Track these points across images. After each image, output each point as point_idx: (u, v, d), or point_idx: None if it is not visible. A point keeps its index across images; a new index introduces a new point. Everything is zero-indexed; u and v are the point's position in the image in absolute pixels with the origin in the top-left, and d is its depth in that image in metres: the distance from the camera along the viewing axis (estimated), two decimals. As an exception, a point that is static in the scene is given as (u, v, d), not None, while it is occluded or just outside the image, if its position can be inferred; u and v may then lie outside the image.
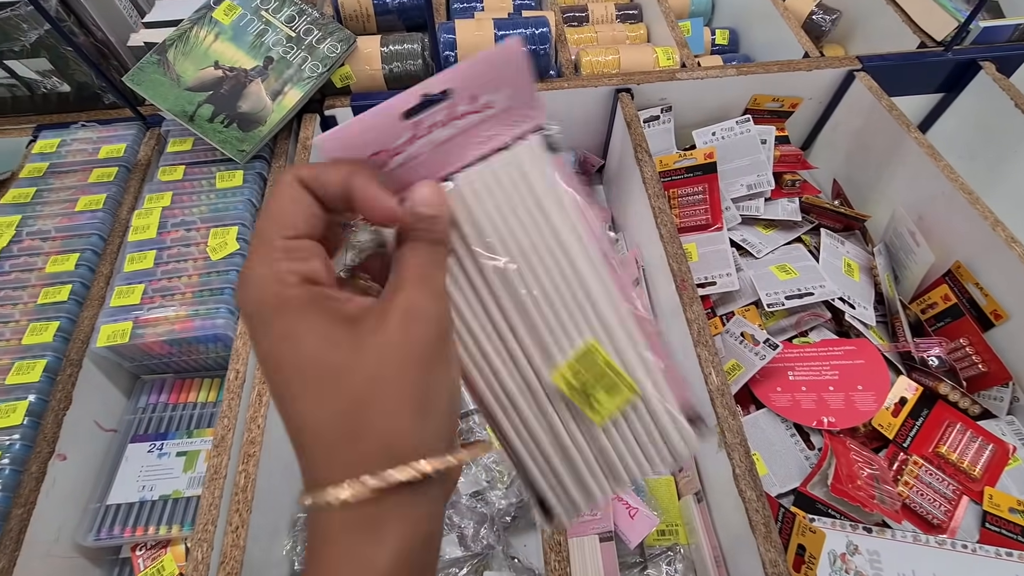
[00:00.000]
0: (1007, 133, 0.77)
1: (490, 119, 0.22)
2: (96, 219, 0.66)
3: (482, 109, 0.22)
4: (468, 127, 0.22)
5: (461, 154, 0.23)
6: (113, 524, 0.55)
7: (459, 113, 0.22)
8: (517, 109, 0.23)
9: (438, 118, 0.22)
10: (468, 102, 0.22)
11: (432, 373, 0.19)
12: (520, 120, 0.23)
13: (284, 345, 0.18)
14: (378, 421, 0.18)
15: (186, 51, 0.70)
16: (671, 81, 0.80)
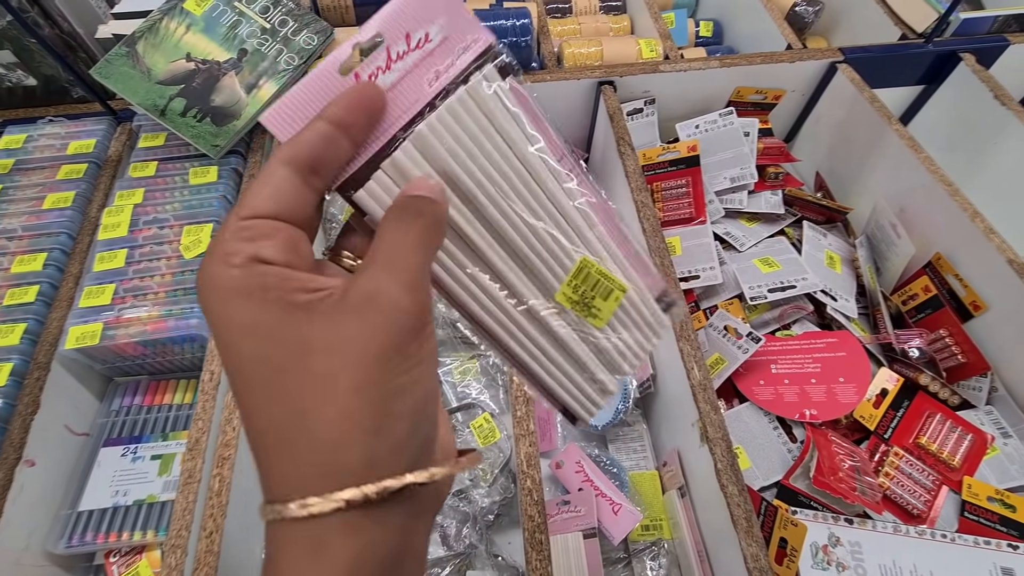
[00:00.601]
0: (986, 125, 0.78)
1: (432, 54, 0.22)
2: (64, 217, 0.64)
3: (420, 45, 0.21)
4: (411, 67, 0.21)
5: (416, 96, 0.22)
6: (85, 530, 0.54)
7: (398, 54, 0.21)
8: (456, 37, 0.22)
9: (377, 63, 0.21)
10: (403, 41, 0.21)
11: (393, 376, 0.17)
12: (465, 48, 0.22)
13: (226, 336, 0.17)
14: (321, 432, 0.16)
15: (156, 43, 0.68)
16: (654, 73, 0.79)
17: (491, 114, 0.22)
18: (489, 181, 0.22)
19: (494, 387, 0.69)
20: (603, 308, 0.25)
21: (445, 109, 0.22)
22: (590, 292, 0.25)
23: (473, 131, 0.22)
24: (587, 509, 0.57)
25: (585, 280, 0.25)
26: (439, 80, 0.22)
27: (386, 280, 0.17)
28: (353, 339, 0.17)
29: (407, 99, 0.21)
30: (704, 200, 0.75)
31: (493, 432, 0.63)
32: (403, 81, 0.21)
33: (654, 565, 0.57)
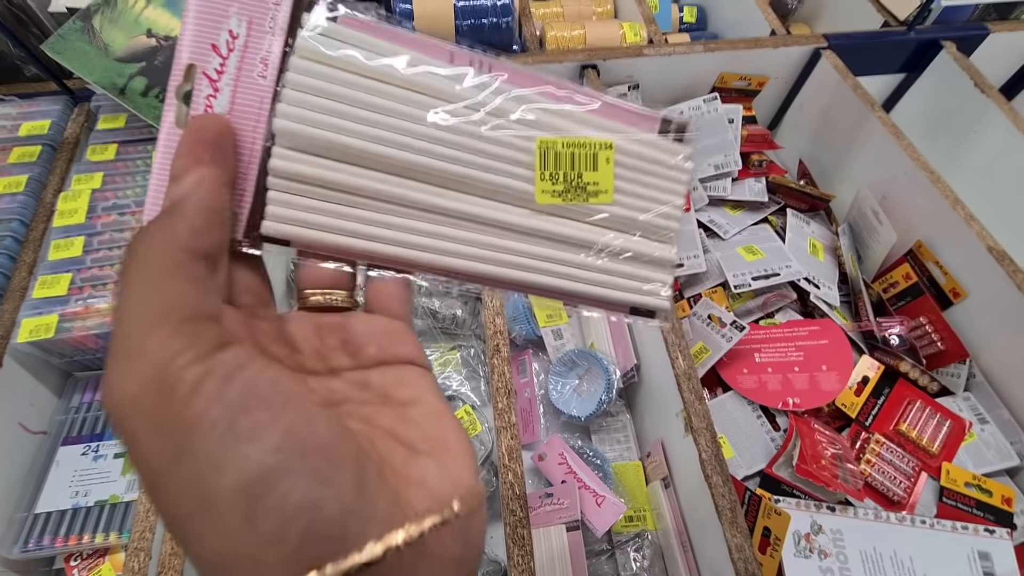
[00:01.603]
0: (967, 112, 0.78)
1: (247, 47, 0.19)
2: (16, 203, 0.61)
3: (231, 48, 0.19)
4: (236, 73, 0.19)
5: (258, 96, 0.19)
6: (43, 534, 0.51)
7: (217, 71, 0.19)
8: (260, 13, 0.19)
9: (205, 94, 0.19)
10: (214, 56, 0.19)
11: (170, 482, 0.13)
12: (272, 18, 0.19)
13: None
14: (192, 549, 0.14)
15: (114, 17, 0.64)
16: (638, 58, 0.77)
17: (341, 61, 0.19)
18: (383, 129, 0.19)
19: (475, 379, 0.67)
20: (600, 179, 0.21)
21: (289, 86, 0.19)
22: (571, 172, 0.21)
23: (332, 90, 0.19)
24: (570, 501, 0.56)
25: (556, 163, 0.21)
26: (269, 65, 0.19)
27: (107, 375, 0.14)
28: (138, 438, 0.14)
29: (252, 103, 0.19)
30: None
31: (474, 425, 0.62)
32: (237, 92, 0.19)
33: (638, 556, 0.57)
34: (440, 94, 0.20)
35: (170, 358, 0.13)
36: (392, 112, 0.20)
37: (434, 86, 0.20)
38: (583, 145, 0.20)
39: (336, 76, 0.19)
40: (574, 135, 0.21)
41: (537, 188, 0.20)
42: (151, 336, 0.14)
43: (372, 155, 0.19)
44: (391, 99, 0.20)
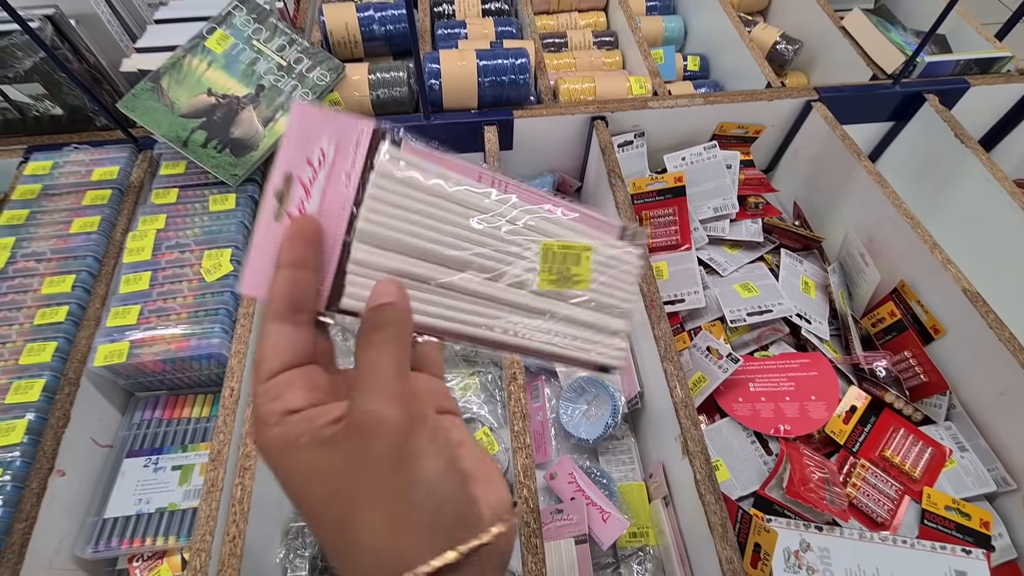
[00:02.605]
0: (947, 161, 0.84)
1: (335, 164, 0.24)
2: (91, 241, 0.69)
3: (321, 163, 0.24)
4: (325, 183, 0.24)
5: (341, 200, 0.24)
6: (111, 536, 0.58)
7: (310, 179, 0.24)
8: (345, 140, 0.24)
9: (298, 197, 0.24)
10: (308, 168, 0.24)
11: (402, 475, 0.20)
12: (356, 143, 0.25)
13: (284, 482, 0.21)
14: (363, 539, 0.20)
15: (180, 79, 0.73)
16: (644, 109, 0.85)
17: (406, 181, 0.25)
18: (436, 232, 0.25)
19: (493, 402, 0.73)
20: (580, 271, 0.28)
21: (368, 199, 0.24)
22: (562, 266, 0.28)
23: (400, 202, 0.25)
24: (579, 517, 0.61)
25: (553, 259, 0.28)
26: (351, 179, 0.24)
27: (369, 402, 0.21)
28: (359, 460, 0.20)
29: (336, 207, 0.24)
30: (689, 228, 0.81)
31: (492, 445, 0.68)
32: (325, 197, 0.24)
33: (640, 569, 0.62)
34: (475, 207, 0.27)
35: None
36: (445, 220, 0.26)
37: (471, 201, 0.26)
38: (572, 248, 0.28)
39: (402, 192, 0.25)
40: (565, 239, 0.28)
41: (540, 277, 0.28)
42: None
43: (429, 252, 0.26)
44: (443, 210, 0.26)
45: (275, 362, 0.22)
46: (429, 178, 0.26)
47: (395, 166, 0.25)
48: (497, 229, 0.27)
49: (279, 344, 0.22)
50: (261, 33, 0.76)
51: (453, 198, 0.26)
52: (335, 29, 0.91)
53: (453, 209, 0.26)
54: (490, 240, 0.27)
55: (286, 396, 0.22)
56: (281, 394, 0.22)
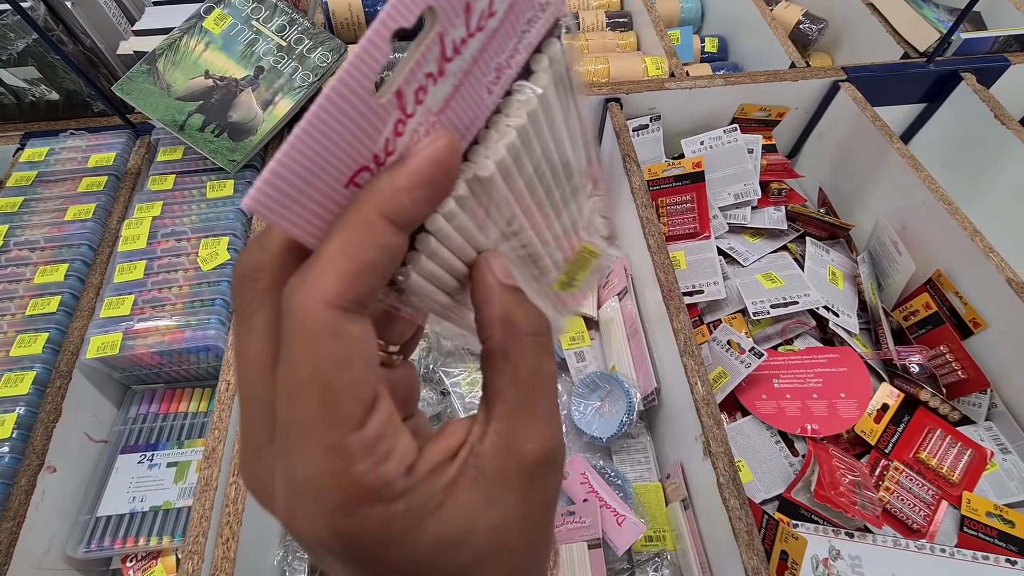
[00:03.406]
0: (986, 144, 0.79)
1: (494, 36, 0.14)
2: (86, 229, 0.66)
3: (481, 26, 0.14)
4: (469, 66, 0.14)
5: (473, 113, 0.15)
6: (103, 536, 0.55)
7: (454, 46, 0.13)
8: (520, 9, 0.15)
9: (427, 68, 0.13)
10: (461, 21, 0.13)
11: (551, 526, 0.16)
12: (529, 20, 0.15)
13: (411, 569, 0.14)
14: None
15: (176, 60, 0.70)
16: (660, 91, 0.81)
17: (553, 120, 0.17)
18: (538, 197, 0.18)
19: (501, 398, 0.70)
20: (580, 277, 0.24)
21: (517, 137, 0.15)
22: (575, 271, 0.23)
23: (533, 149, 0.17)
24: (592, 520, 0.58)
25: (578, 263, 0.23)
26: (500, 81, 0.15)
27: (552, 433, 0.15)
28: (541, 505, 0.15)
29: (463, 119, 0.15)
30: (708, 215, 0.77)
31: (500, 443, 0.65)
32: (459, 92, 0.14)
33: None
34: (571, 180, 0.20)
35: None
36: (545, 189, 0.18)
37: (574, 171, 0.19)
38: (592, 253, 0.23)
39: (542, 135, 0.17)
40: (593, 242, 0.23)
41: (559, 278, 0.22)
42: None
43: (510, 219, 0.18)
44: (552, 173, 0.18)
45: (367, 389, 0.13)
46: (564, 124, 0.18)
47: (554, 95, 0.17)
48: (568, 219, 0.21)
49: (368, 353, 0.13)
50: (260, 12, 0.73)
51: (566, 159, 0.18)
52: (338, 9, 0.88)
53: (557, 174, 0.19)
54: (560, 222, 0.20)
55: (399, 446, 0.14)
56: (394, 446, 0.13)
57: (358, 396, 0.13)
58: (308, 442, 0.12)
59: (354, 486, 0.13)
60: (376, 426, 0.13)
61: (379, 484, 0.13)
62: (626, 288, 0.73)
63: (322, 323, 0.12)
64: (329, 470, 0.12)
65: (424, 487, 0.14)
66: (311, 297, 0.12)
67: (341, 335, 0.12)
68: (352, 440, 0.12)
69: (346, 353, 0.12)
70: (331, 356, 0.12)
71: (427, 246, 0.15)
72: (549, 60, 0.16)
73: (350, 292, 0.12)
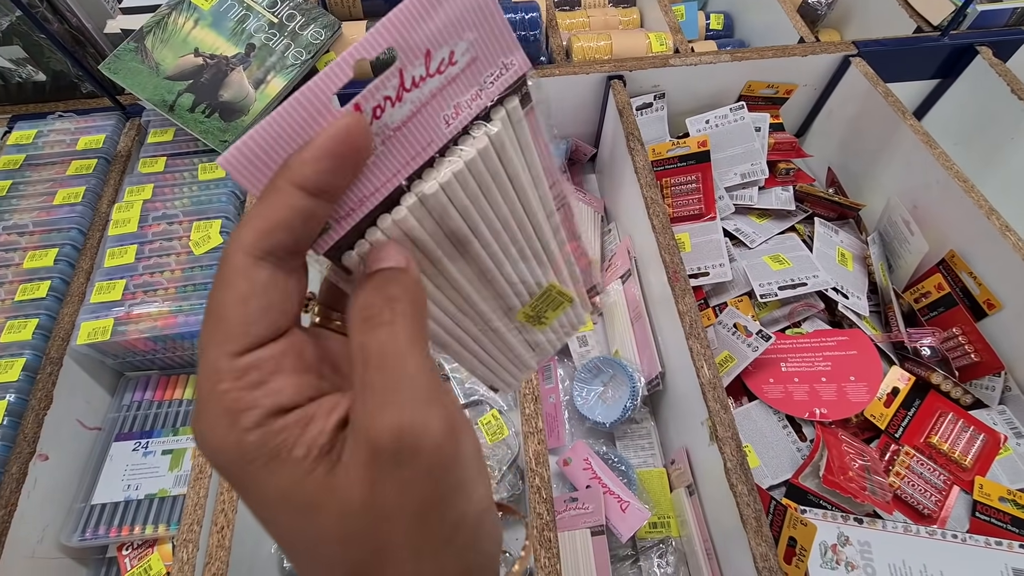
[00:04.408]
0: (1002, 120, 0.77)
1: (454, 80, 0.17)
2: (75, 213, 0.65)
3: (441, 69, 0.16)
4: (427, 99, 0.17)
5: (429, 138, 0.17)
6: (98, 524, 0.54)
7: (413, 81, 0.16)
8: (486, 59, 0.17)
9: (386, 92, 0.16)
10: (421, 63, 0.16)
11: (450, 513, 0.15)
12: (494, 76, 0.17)
13: (259, 509, 0.15)
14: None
15: (164, 38, 0.68)
16: (664, 67, 0.78)
17: (508, 161, 0.19)
18: (489, 230, 0.20)
19: (502, 384, 0.69)
20: (551, 317, 0.25)
21: (464, 166, 0.18)
22: (544, 307, 0.24)
23: (486, 182, 0.19)
24: (595, 507, 0.57)
25: (544, 299, 0.24)
26: (459, 117, 0.17)
27: (405, 411, 0.14)
28: (397, 500, 0.14)
29: (417, 141, 0.17)
30: (714, 196, 0.75)
31: (501, 429, 0.64)
32: (415, 117, 0.17)
33: (662, 563, 0.57)
34: (534, 222, 0.22)
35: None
36: (503, 223, 0.20)
37: (536, 214, 0.21)
38: (564, 295, 0.25)
39: (496, 171, 0.19)
40: (564, 284, 0.25)
41: (522, 310, 0.24)
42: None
43: (466, 246, 0.20)
44: (511, 211, 0.20)
45: (261, 325, 0.15)
46: (524, 169, 0.20)
47: (510, 138, 0.19)
48: (531, 257, 0.22)
49: (268, 298, 0.15)
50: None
51: (526, 201, 0.21)
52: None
53: (517, 215, 0.21)
54: (520, 265, 0.22)
55: (273, 383, 0.15)
56: (267, 379, 0.14)
57: (246, 329, 0.15)
58: (201, 358, 0.15)
59: (215, 401, 0.14)
60: (253, 358, 0.15)
61: (236, 406, 0.14)
62: (629, 271, 0.71)
63: (235, 265, 0.15)
64: (204, 384, 0.14)
65: (285, 435, 0.14)
66: (234, 244, 0.15)
67: (247, 276, 0.15)
68: (225, 361, 0.14)
69: (247, 291, 0.15)
70: (234, 291, 0.15)
71: (372, 236, 0.17)
72: (506, 112, 0.18)
73: (261, 243, 0.15)
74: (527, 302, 0.24)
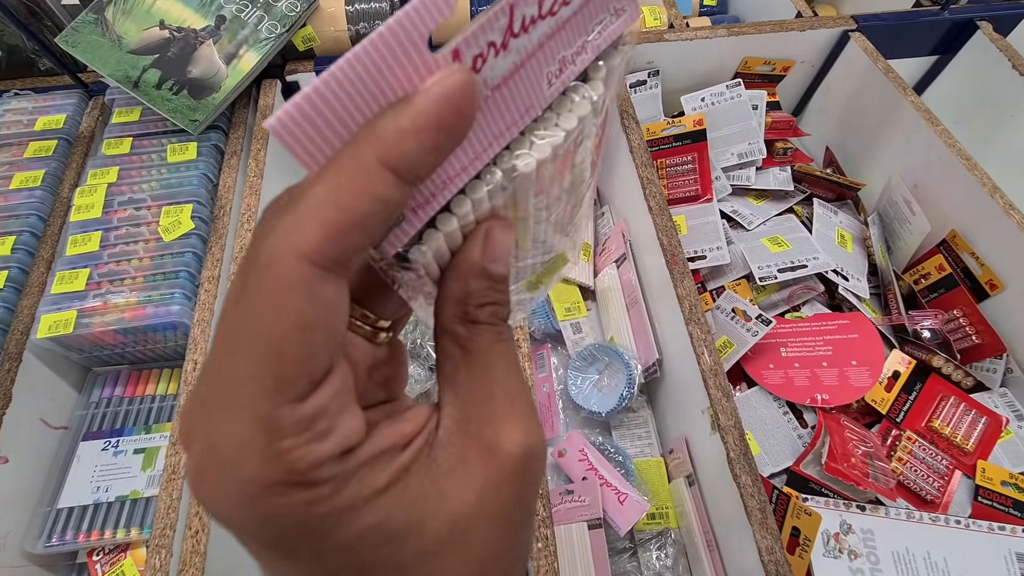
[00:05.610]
0: (1003, 96, 0.75)
1: (565, 26, 0.14)
2: (34, 198, 0.60)
3: (554, 10, 0.13)
4: (534, 48, 0.13)
5: (529, 101, 0.14)
6: (66, 529, 0.51)
7: (522, 24, 0.13)
8: (595, 8, 0.14)
9: (490, 37, 0.12)
10: (534, 1, 0.13)
11: (529, 524, 0.15)
12: (601, 22, 0.14)
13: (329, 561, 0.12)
14: None
15: (127, 9, 0.63)
16: (659, 43, 0.75)
17: (589, 126, 0.17)
18: (547, 206, 0.18)
19: (493, 373, 0.66)
20: (546, 280, 0.24)
21: (564, 139, 0.15)
22: (545, 272, 0.23)
23: (568, 151, 0.17)
24: (592, 499, 0.55)
25: (551, 266, 0.23)
26: (561, 76, 0.14)
27: (532, 429, 0.14)
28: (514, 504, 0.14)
29: (517, 106, 0.14)
30: (710, 177, 0.72)
31: (493, 420, 0.61)
32: (519, 73, 0.14)
33: (661, 555, 0.55)
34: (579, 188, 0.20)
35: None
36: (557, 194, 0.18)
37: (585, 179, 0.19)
38: (563, 259, 0.23)
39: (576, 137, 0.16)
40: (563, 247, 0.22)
41: (528, 279, 0.22)
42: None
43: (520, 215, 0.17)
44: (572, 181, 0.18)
45: (322, 358, 0.12)
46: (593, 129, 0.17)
47: (601, 102, 0.16)
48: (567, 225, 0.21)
49: (333, 320, 0.12)
50: (219, -45, 0.66)
51: (581, 164, 0.18)
52: (308, -43, 0.80)
53: (576, 180, 0.18)
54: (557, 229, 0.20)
55: (342, 427, 0.12)
56: (335, 424, 0.12)
57: (310, 366, 0.11)
58: (238, 403, 0.11)
59: (276, 462, 0.11)
60: (320, 401, 0.12)
61: (305, 465, 0.11)
62: (624, 255, 0.69)
63: (293, 278, 0.11)
64: (251, 439, 0.11)
65: (362, 474, 0.12)
66: (287, 245, 0.11)
67: (312, 296, 0.11)
68: (287, 412, 0.11)
69: (312, 318, 0.11)
70: (294, 317, 0.11)
71: (448, 226, 0.14)
72: (607, 71, 0.15)
73: (332, 249, 0.11)
74: (537, 272, 0.22)
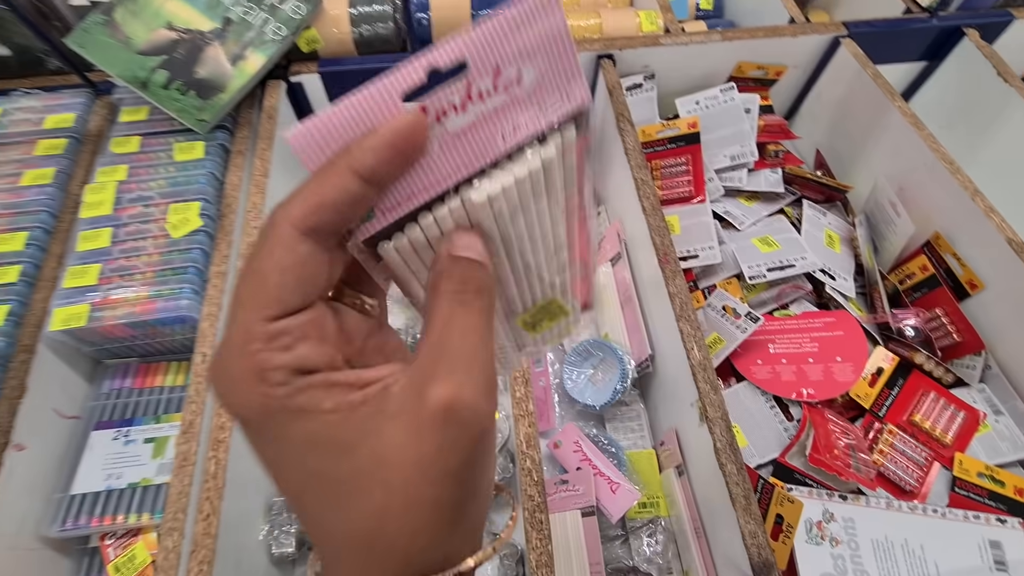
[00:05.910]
0: (988, 102, 0.77)
1: (517, 102, 0.17)
2: (45, 195, 0.62)
3: (507, 88, 0.17)
4: (489, 113, 0.17)
5: (483, 150, 0.18)
6: (79, 514, 0.53)
7: (479, 94, 0.17)
8: (550, 86, 0.18)
9: (452, 100, 0.17)
10: (489, 78, 0.17)
11: (471, 481, 0.16)
12: (555, 102, 0.18)
13: (283, 457, 0.16)
14: (400, 541, 0.16)
15: (135, 10, 0.65)
16: (655, 47, 0.77)
17: (551, 184, 0.20)
18: (517, 246, 0.21)
19: (491, 367, 0.68)
20: (544, 325, 0.26)
21: (514, 182, 0.18)
22: (542, 316, 0.26)
23: (527, 197, 0.19)
24: (585, 488, 0.57)
25: (544, 311, 0.25)
26: (515, 136, 0.18)
27: (467, 387, 0.16)
28: (431, 460, 0.16)
29: (473, 150, 0.18)
30: (704, 178, 0.74)
31: (491, 412, 0.63)
32: (474, 128, 0.17)
33: (651, 542, 0.58)
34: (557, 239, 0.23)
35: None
36: (531, 237, 0.21)
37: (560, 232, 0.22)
38: (562, 309, 0.26)
39: (538, 188, 0.20)
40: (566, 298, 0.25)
41: (522, 316, 0.25)
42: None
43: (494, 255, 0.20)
44: (540, 227, 0.21)
45: (296, 295, 0.16)
46: (562, 188, 0.21)
47: (558, 162, 0.20)
48: (547, 272, 0.23)
49: (306, 271, 0.16)
50: (225, -42, 0.67)
51: (555, 217, 0.21)
52: (312, -41, 0.82)
53: (544, 228, 0.21)
54: (536, 278, 0.23)
55: (299, 348, 0.16)
56: (294, 344, 0.16)
57: (282, 297, 0.16)
58: (237, 314, 0.16)
59: (248, 359, 0.15)
60: (284, 325, 0.16)
61: (267, 365, 0.15)
62: (619, 254, 0.71)
63: (280, 235, 0.16)
64: (237, 341, 0.16)
65: (313, 392, 0.16)
66: (280, 214, 0.16)
67: (290, 248, 0.16)
68: (260, 326, 0.16)
69: (288, 262, 0.16)
70: (276, 260, 0.16)
71: (411, 232, 0.19)
72: (561, 138, 0.19)
73: (308, 218, 0.16)
74: (529, 310, 0.25)
